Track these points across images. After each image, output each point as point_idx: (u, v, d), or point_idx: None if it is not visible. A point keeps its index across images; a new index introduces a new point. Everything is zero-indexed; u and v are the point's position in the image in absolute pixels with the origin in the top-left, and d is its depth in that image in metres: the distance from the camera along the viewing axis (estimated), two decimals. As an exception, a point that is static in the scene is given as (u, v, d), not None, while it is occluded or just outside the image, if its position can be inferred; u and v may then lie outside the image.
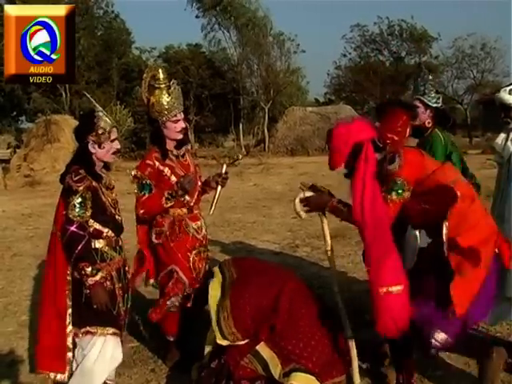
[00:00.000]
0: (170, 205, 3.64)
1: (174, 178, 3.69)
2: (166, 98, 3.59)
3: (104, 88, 31.31)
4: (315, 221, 9.23)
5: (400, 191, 2.95)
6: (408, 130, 3.30)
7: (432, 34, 36.89)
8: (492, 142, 4.39)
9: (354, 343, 3.11)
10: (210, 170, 4.18)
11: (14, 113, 35.09)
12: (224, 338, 3.04)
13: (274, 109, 35.16)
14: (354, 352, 3.10)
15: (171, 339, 3.91)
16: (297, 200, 3.20)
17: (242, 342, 3.02)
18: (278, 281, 3.21)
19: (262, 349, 3.01)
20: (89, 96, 3.29)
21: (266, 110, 33.80)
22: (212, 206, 3.91)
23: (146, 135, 28.50)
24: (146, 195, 3.61)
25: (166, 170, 3.69)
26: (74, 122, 22.64)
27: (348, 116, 30.07)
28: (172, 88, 3.64)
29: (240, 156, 4.55)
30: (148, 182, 3.61)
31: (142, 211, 3.65)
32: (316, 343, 3.03)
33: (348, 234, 7.52)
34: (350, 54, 40.08)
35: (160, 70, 3.67)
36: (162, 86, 3.62)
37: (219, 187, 3.87)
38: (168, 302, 3.67)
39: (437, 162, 3.29)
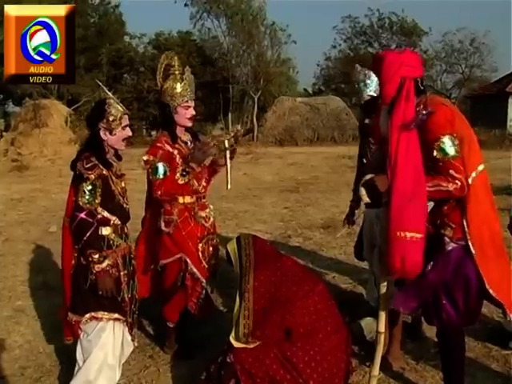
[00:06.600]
0: (185, 181, 3.64)
1: (181, 161, 3.72)
2: (179, 84, 3.71)
3: (93, 73, 31.05)
4: (306, 211, 9.36)
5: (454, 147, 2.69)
6: None
7: (422, 28, 37.13)
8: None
9: (382, 338, 3.02)
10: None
11: (1, 96, 34.74)
12: (237, 338, 3.02)
13: (264, 98, 35.13)
14: (380, 346, 3.03)
15: (171, 326, 3.94)
16: (361, 185, 2.90)
17: (252, 346, 2.99)
18: (307, 288, 3.16)
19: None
20: (100, 83, 3.28)
21: (256, 100, 33.77)
22: (227, 180, 3.87)
23: (133, 122, 28.43)
24: (161, 177, 3.63)
25: (176, 153, 3.74)
26: (63, 107, 22.45)
27: (337, 108, 30.20)
28: (185, 75, 3.76)
29: (239, 126, 4.52)
30: (161, 164, 3.63)
31: (159, 192, 3.62)
32: (327, 363, 3.00)
33: (340, 225, 7.58)
34: (340, 45, 40.23)
35: (175, 58, 3.81)
36: (177, 72, 3.75)
37: (229, 160, 3.81)
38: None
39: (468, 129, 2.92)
